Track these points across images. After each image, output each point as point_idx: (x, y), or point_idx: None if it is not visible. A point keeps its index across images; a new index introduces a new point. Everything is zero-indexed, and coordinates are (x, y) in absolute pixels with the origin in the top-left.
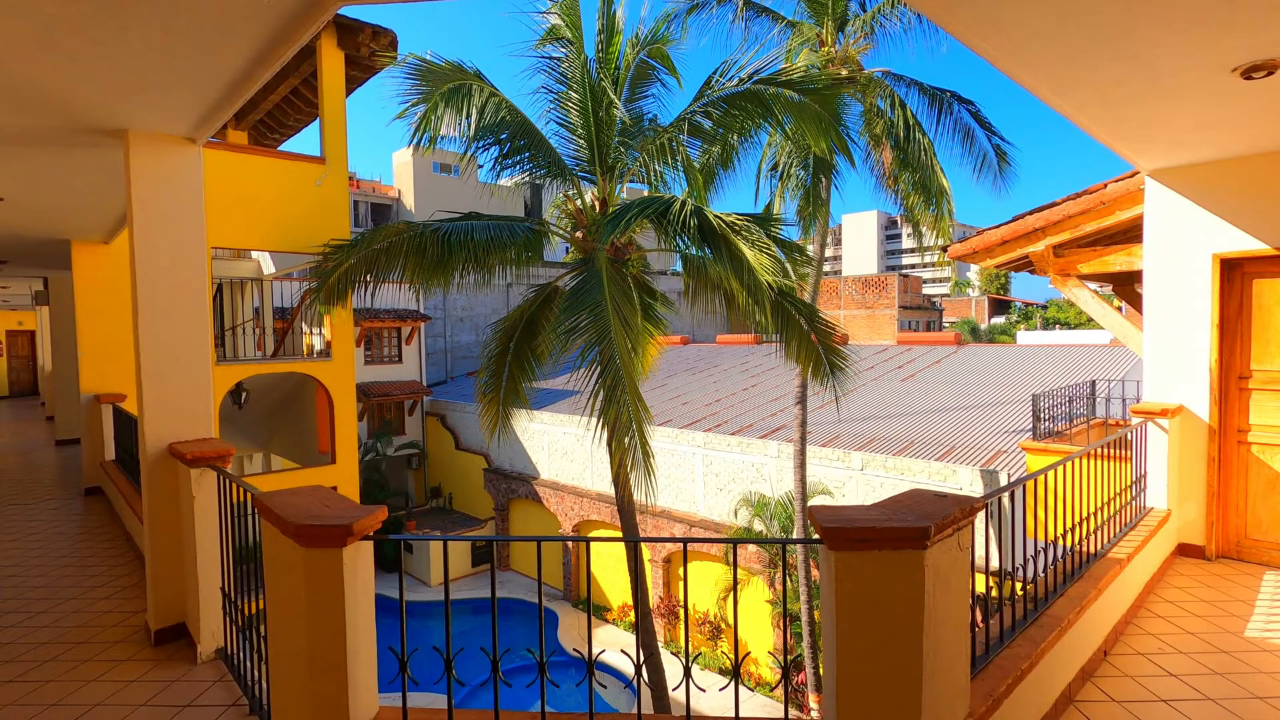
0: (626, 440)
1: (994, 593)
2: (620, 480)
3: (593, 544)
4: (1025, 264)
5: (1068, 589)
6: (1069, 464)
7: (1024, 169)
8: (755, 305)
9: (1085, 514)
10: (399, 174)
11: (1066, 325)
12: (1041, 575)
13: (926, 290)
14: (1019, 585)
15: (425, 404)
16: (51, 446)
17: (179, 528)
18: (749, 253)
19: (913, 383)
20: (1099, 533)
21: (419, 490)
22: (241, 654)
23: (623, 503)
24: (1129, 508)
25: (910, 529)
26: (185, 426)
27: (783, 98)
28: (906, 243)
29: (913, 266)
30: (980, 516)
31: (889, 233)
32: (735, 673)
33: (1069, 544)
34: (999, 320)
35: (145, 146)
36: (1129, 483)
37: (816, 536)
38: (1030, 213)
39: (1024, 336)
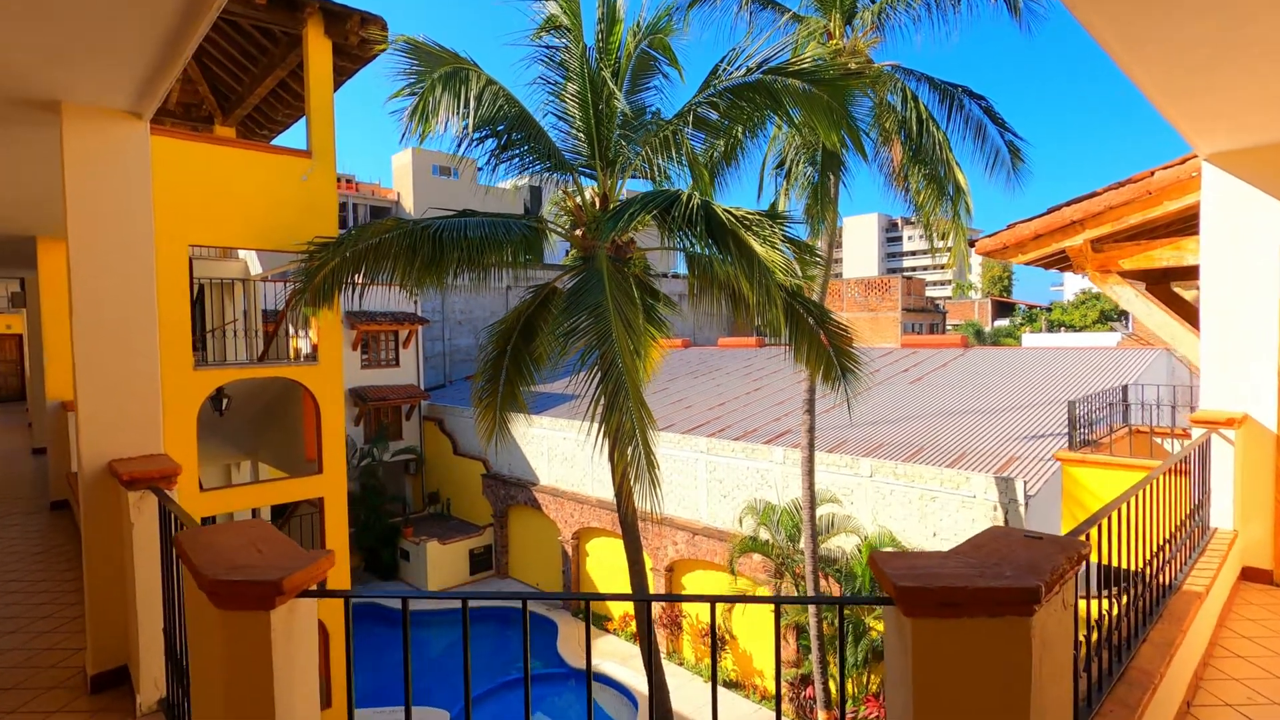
0: (630, 450)
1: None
2: (623, 492)
3: (591, 549)
4: (1060, 260)
5: (1149, 632)
6: (1152, 483)
7: (1036, 168)
8: (768, 305)
9: (1163, 539)
10: (398, 176)
11: (1072, 328)
12: (1123, 614)
13: (928, 293)
14: (1093, 614)
15: (423, 408)
16: (28, 455)
17: (120, 558)
18: (760, 249)
19: (920, 386)
20: (1172, 560)
21: (416, 496)
22: (187, 704)
23: (626, 516)
24: (1195, 529)
25: (1014, 590)
26: (130, 441)
27: (792, 88)
28: (908, 245)
29: (914, 269)
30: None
31: (889, 235)
32: None
33: (1148, 575)
34: (1003, 322)
35: (82, 121)
36: (1189, 499)
37: (884, 595)
38: (1067, 204)
39: (1029, 339)
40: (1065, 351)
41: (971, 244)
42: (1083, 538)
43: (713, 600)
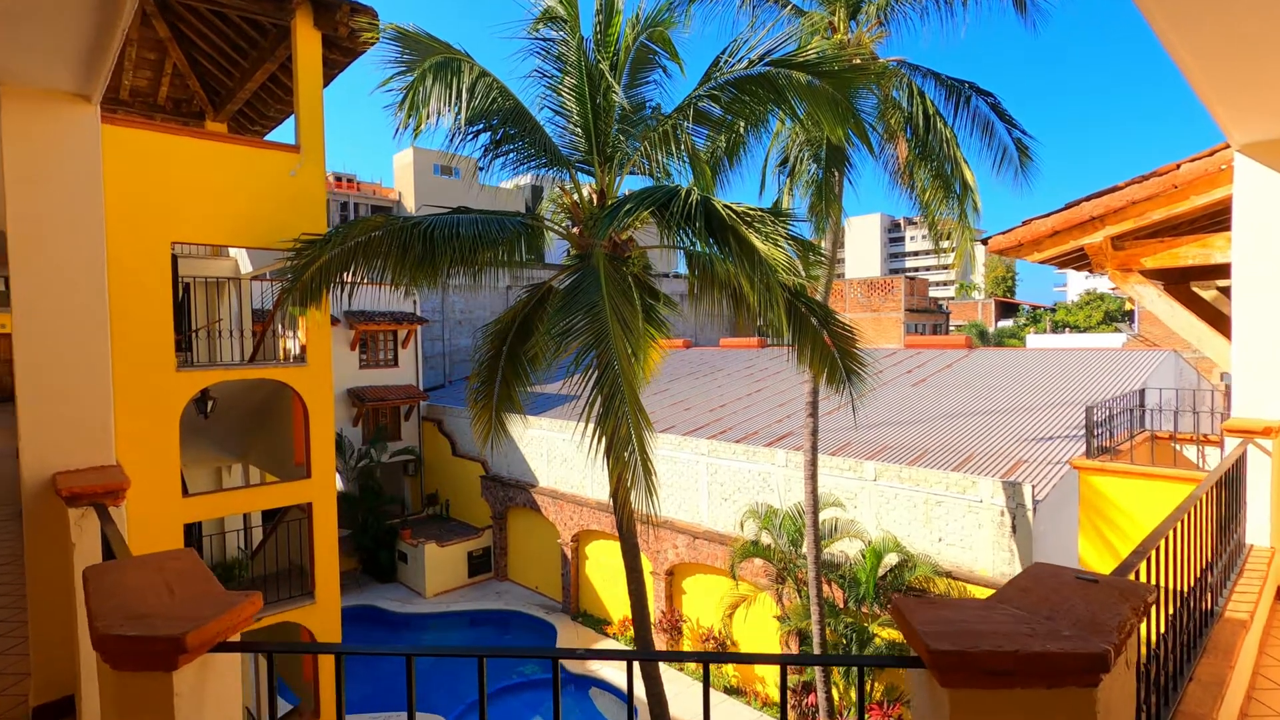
0: (626, 454)
1: None
2: (620, 499)
3: (590, 552)
4: (1078, 258)
5: (1195, 668)
6: (1197, 501)
7: (1044, 167)
8: (769, 305)
9: (1206, 562)
10: (400, 176)
11: (1076, 328)
12: (1169, 651)
13: (931, 293)
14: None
15: (422, 409)
16: (14, 457)
17: (65, 581)
18: (761, 246)
19: (924, 387)
20: (1214, 584)
21: (415, 497)
22: None
23: (623, 524)
24: (1233, 547)
25: (1078, 656)
26: (77, 452)
27: (795, 81)
28: (910, 245)
29: (916, 269)
30: (1007, 534)
31: (892, 235)
32: None
33: (1192, 602)
34: (1007, 323)
35: (22, 104)
36: (1222, 514)
37: (912, 654)
38: (1086, 199)
39: (1034, 340)
40: (1071, 353)
41: (984, 242)
42: (1131, 575)
43: (706, 660)
